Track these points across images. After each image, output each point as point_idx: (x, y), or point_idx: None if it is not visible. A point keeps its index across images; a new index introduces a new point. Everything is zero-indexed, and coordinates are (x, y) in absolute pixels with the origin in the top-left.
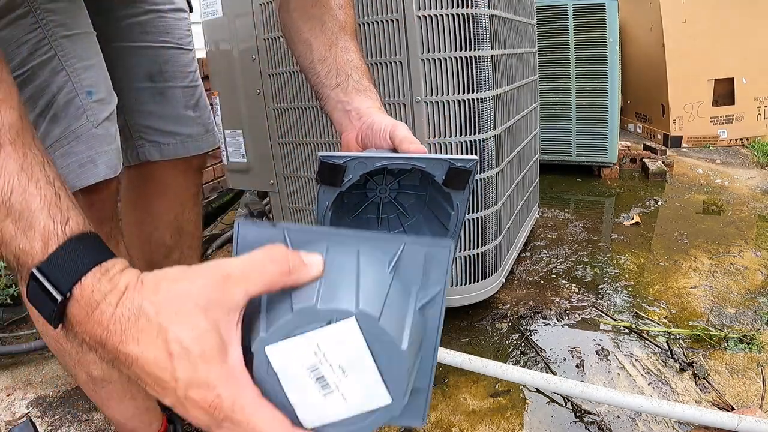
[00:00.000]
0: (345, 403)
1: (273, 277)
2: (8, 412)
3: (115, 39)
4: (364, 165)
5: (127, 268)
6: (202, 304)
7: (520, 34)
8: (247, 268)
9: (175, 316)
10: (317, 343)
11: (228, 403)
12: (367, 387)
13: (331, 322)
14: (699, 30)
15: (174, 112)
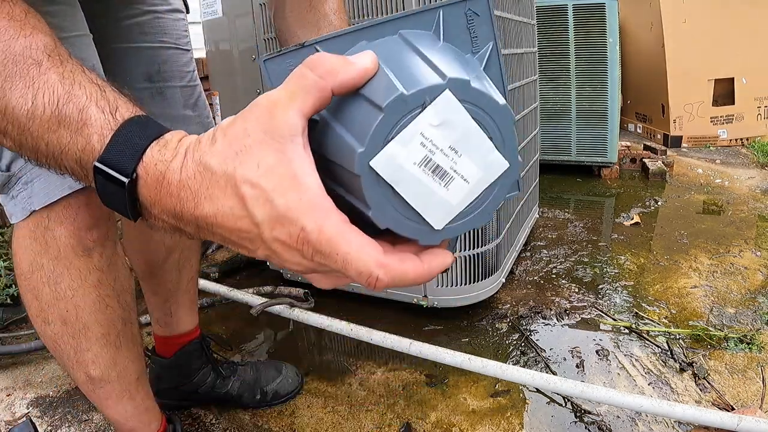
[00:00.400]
0: (467, 184)
1: (319, 83)
2: (8, 412)
3: (114, 40)
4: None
5: (186, 136)
6: (259, 138)
7: (520, 34)
8: (290, 87)
9: (237, 158)
10: (421, 132)
11: (314, 235)
12: (483, 158)
13: (425, 105)
14: (699, 30)
15: (173, 111)
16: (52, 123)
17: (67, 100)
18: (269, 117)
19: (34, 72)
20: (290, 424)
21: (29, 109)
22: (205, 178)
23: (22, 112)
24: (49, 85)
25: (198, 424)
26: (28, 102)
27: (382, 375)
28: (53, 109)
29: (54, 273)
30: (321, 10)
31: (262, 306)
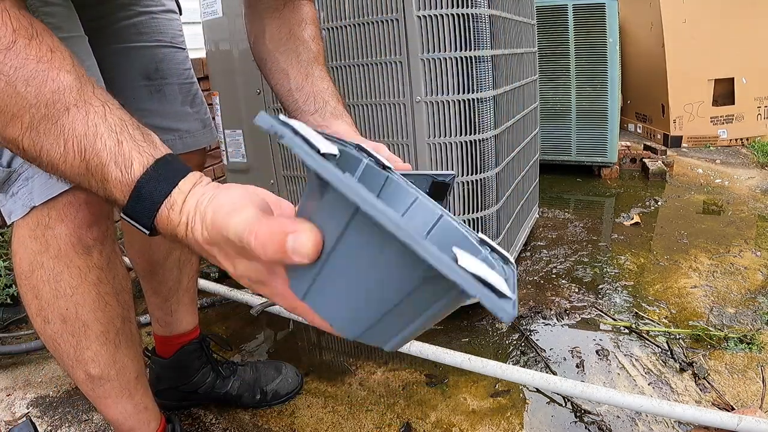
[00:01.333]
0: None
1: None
2: (8, 412)
3: (111, 42)
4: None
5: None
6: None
7: (520, 34)
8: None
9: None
10: None
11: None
12: None
13: None
14: (699, 30)
15: (172, 108)
16: (81, 169)
17: (92, 153)
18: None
19: (63, 119)
20: (290, 424)
21: (62, 154)
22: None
23: (55, 155)
24: (77, 135)
25: (198, 424)
26: (60, 147)
27: (382, 375)
28: (81, 158)
29: (54, 271)
30: (300, 37)
31: (262, 306)
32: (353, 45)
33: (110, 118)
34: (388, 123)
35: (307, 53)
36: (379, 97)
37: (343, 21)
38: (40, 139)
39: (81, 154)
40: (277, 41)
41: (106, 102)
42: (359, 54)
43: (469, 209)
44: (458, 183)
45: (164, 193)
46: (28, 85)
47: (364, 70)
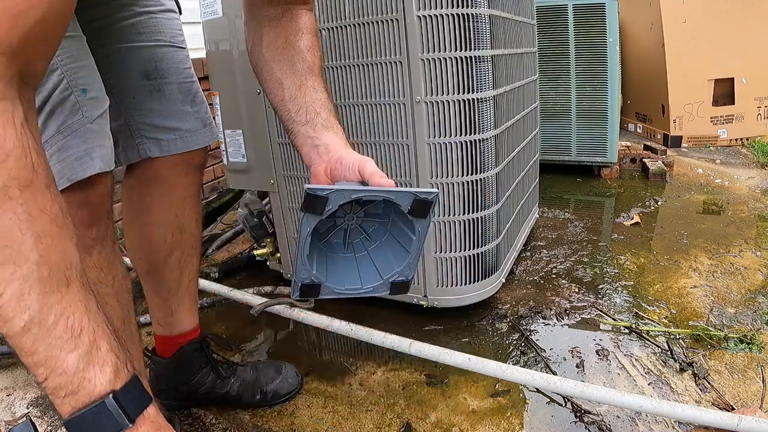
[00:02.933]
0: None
1: None
2: (8, 412)
3: (110, 42)
4: (343, 196)
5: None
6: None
7: (520, 34)
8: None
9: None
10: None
11: None
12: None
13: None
14: (699, 30)
15: (172, 107)
16: (68, 345)
17: (91, 334)
18: None
19: (63, 291)
20: (290, 424)
21: (50, 324)
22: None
23: (42, 322)
24: (77, 312)
25: (198, 424)
26: (51, 316)
27: (382, 375)
28: (74, 335)
29: None
30: (296, 46)
31: (262, 306)
32: (353, 45)
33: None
34: (388, 123)
35: (302, 63)
36: (379, 97)
37: (343, 21)
38: (31, 298)
39: (75, 331)
40: (273, 50)
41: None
42: (359, 54)
43: (469, 209)
44: (458, 183)
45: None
46: (38, 240)
47: (363, 70)
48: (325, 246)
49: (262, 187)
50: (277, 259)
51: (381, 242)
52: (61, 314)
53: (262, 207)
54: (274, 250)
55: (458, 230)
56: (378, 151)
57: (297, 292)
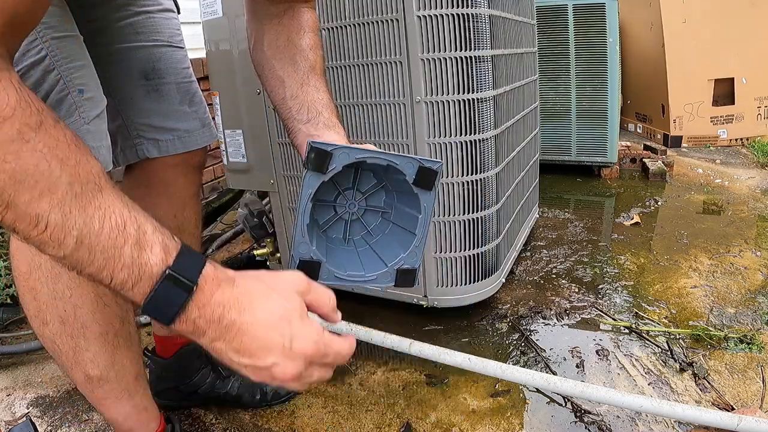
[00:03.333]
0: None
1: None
2: (8, 412)
3: (108, 42)
4: (347, 155)
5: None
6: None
7: (520, 34)
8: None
9: (276, 290)
10: None
11: (321, 346)
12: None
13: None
14: (699, 30)
15: (170, 108)
16: (118, 240)
17: (133, 225)
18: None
19: (99, 197)
20: (290, 424)
21: (98, 229)
22: (250, 296)
23: (91, 230)
24: (116, 208)
25: (198, 424)
26: (96, 222)
27: (382, 375)
28: (121, 230)
29: (52, 273)
30: (298, 45)
31: None
32: (353, 45)
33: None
34: (388, 123)
35: (304, 62)
36: (379, 97)
37: (343, 21)
38: (73, 215)
39: (121, 227)
40: (275, 48)
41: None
42: (359, 54)
43: (468, 209)
44: (458, 183)
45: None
46: (64, 165)
47: (364, 70)
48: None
49: (262, 187)
50: (277, 259)
51: (383, 235)
52: (104, 217)
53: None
54: (274, 250)
55: (458, 230)
56: None
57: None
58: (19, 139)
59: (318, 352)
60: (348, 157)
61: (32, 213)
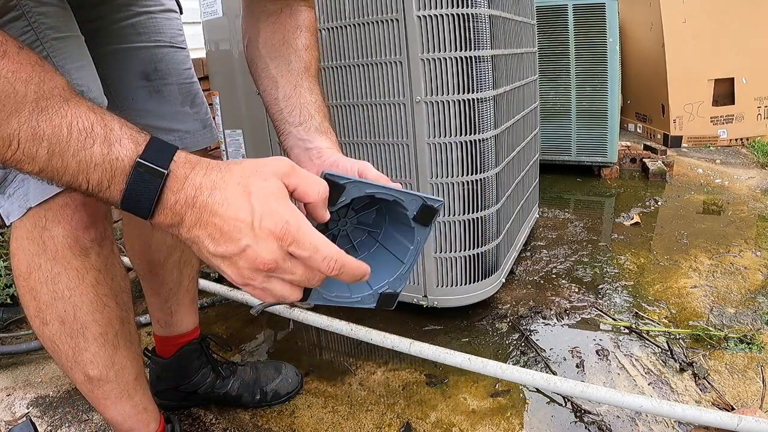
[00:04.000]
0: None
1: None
2: (8, 412)
3: (109, 42)
4: (359, 189)
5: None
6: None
7: (520, 34)
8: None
9: (253, 172)
10: None
11: (294, 228)
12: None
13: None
14: (699, 30)
15: (171, 109)
16: (87, 142)
17: (100, 124)
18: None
19: (65, 106)
20: (290, 424)
21: (66, 135)
22: (224, 175)
23: (60, 138)
24: (83, 114)
25: (198, 424)
26: (64, 129)
27: (382, 375)
28: (89, 131)
29: (52, 273)
30: (293, 45)
31: (262, 306)
32: (353, 45)
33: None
34: (388, 123)
35: (298, 63)
36: (379, 97)
37: (343, 21)
38: (41, 127)
39: (89, 128)
40: (270, 47)
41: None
42: (359, 54)
43: (468, 209)
44: (458, 183)
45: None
46: (28, 84)
47: (364, 70)
48: None
49: None
50: None
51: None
52: (71, 123)
53: None
54: None
55: (458, 230)
56: (378, 151)
57: None
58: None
59: (289, 233)
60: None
61: (3, 135)
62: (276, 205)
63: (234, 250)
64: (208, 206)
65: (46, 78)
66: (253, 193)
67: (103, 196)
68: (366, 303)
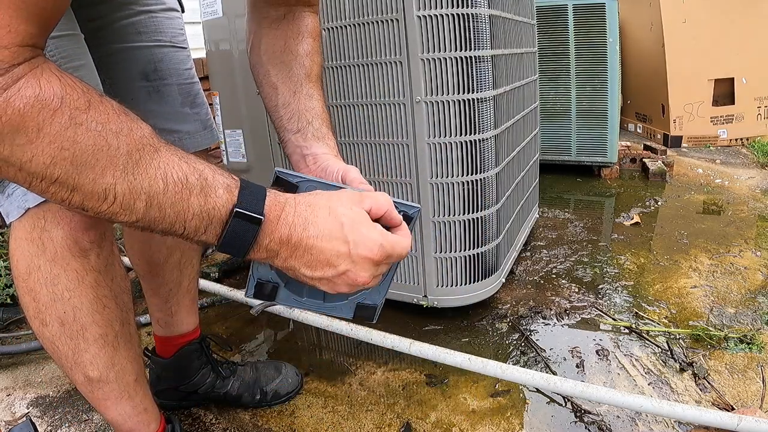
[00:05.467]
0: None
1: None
2: (8, 412)
3: (109, 41)
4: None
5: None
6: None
7: (520, 34)
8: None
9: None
10: None
11: (387, 246)
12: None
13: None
14: (699, 30)
15: (171, 109)
16: (184, 194)
17: (194, 175)
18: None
19: (156, 157)
20: (290, 424)
21: (163, 187)
22: (313, 210)
23: (157, 191)
24: (174, 164)
25: (198, 424)
26: (159, 181)
27: (382, 375)
28: (184, 183)
29: (51, 274)
30: (295, 51)
31: (262, 306)
32: (353, 45)
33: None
34: (388, 123)
35: (299, 69)
36: (379, 97)
37: (343, 21)
38: (138, 181)
39: (183, 180)
40: (271, 53)
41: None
42: (359, 54)
43: (468, 209)
44: (458, 183)
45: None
46: (118, 136)
47: (364, 70)
48: None
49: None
50: None
51: None
52: (166, 175)
53: None
54: None
55: (458, 230)
56: (378, 151)
57: (252, 290)
58: (72, 125)
59: (384, 253)
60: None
61: (99, 190)
62: (366, 231)
63: (333, 274)
64: (302, 242)
65: (134, 127)
66: (345, 224)
67: (198, 239)
68: (340, 312)
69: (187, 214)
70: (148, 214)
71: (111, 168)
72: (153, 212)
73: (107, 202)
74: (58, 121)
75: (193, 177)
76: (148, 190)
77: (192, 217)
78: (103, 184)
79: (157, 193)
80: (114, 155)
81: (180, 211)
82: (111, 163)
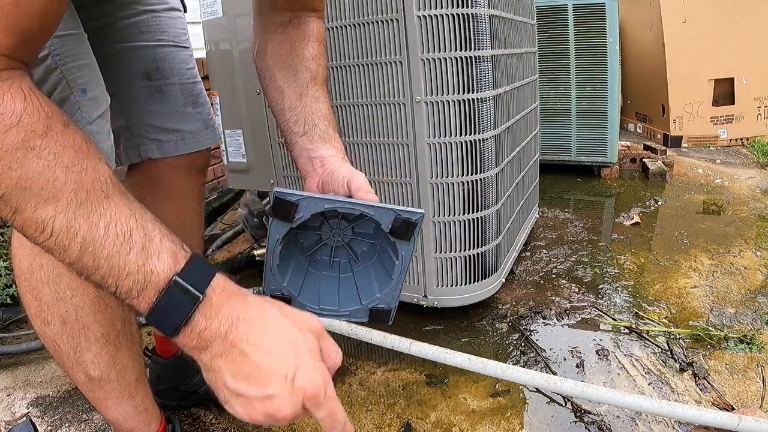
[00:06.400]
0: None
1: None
2: (8, 412)
3: (112, 41)
4: (315, 205)
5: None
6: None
7: (520, 34)
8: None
9: (293, 321)
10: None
11: (327, 393)
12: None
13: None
14: (699, 30)
15: (173, 109)
16: (123, 248)
17: (142, 231)
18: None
19: (105, 204)
20: (290, 424)
21: (102, 237)
22: (264, 317)
23: (95, 237)
24: (122, 216)
25: (198, 424)
26: (101, 229)
27: (382, 375)
28: (126, 237)
29: (54, 273)
30: (301, 54)
31: None
32: (353, 45)
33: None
34: (388, 123)
35: (305, 72)
36: (379, 97)
37: (343, 21)
38: (78, 222)
39: (127, 234)
40: (277, 58)
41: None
42: (359, 54)
43: (468, 209)
44: (458, 183)
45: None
46: (69, 171)
47: (363, 70)
48: (309, 260)
49: (262, 187)
50: None
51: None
52: (109, 225)
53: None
54: None
55: (458, 230)
56: (378, 151)
57: None
58: (24, 147)
59: (317, 397)
60: (315, 206)
61: (38, 219)
62: (314, 364)
63: (256, 394)
64: (239, 344)
65: (89, 167)
66: (291, 342)
67: (130, 303)
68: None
69: (122, 271)
70: (81, 260)
71: (53, 201)
72: (86, 259)
73: (44, 235)
74: (11, 139)
75: (138, 234)
76: (85, 234)
77: (126, 275)
78: (43, 215)
79: (93, 240)
80: (60, 189)
81: (115, 266)
82: (54, 197)
